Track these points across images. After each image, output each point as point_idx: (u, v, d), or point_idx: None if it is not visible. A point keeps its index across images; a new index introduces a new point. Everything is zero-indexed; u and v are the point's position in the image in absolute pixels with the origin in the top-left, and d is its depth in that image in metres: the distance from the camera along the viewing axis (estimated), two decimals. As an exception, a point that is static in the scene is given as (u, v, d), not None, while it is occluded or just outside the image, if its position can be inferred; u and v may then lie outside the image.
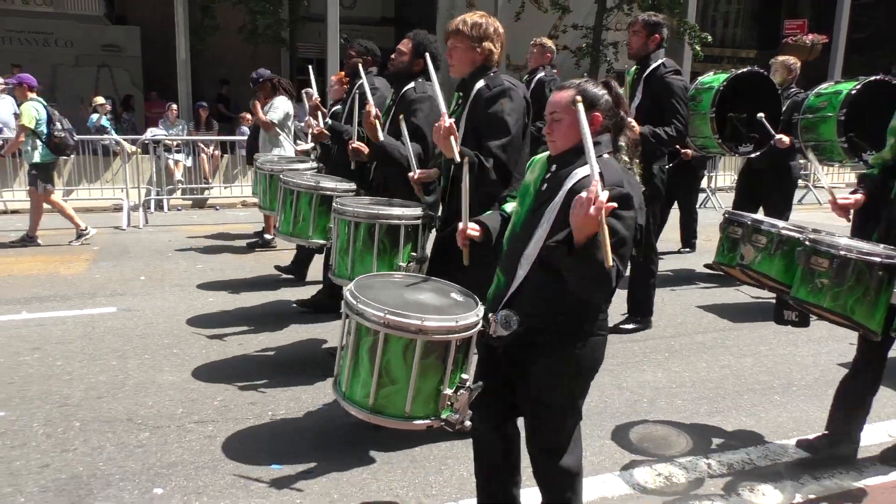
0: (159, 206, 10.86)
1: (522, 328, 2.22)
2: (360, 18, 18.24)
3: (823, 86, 5.74)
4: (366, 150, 4.01)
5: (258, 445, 3.48)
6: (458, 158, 2.93)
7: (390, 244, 3.33)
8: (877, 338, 2.94)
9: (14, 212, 9.94)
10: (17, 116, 11.26)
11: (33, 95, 7.70)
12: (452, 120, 3.03)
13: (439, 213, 3.47)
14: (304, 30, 15.69)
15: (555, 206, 2.19)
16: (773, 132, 5.72)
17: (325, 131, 5.17)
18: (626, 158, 2.33)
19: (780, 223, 3.52)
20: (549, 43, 6.98)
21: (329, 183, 4.16)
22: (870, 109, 5.37)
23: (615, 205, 1.97)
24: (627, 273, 3.90)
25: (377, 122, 3.72)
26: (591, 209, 1.91)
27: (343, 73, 5.85)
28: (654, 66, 4.98)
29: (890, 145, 3.28)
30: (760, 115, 5.70)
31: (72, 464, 3.26)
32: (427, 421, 2.24)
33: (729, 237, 3.66)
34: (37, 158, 7.65)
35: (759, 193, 6.63)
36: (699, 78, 6.00)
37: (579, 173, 2.18)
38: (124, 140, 11.09)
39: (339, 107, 5.70)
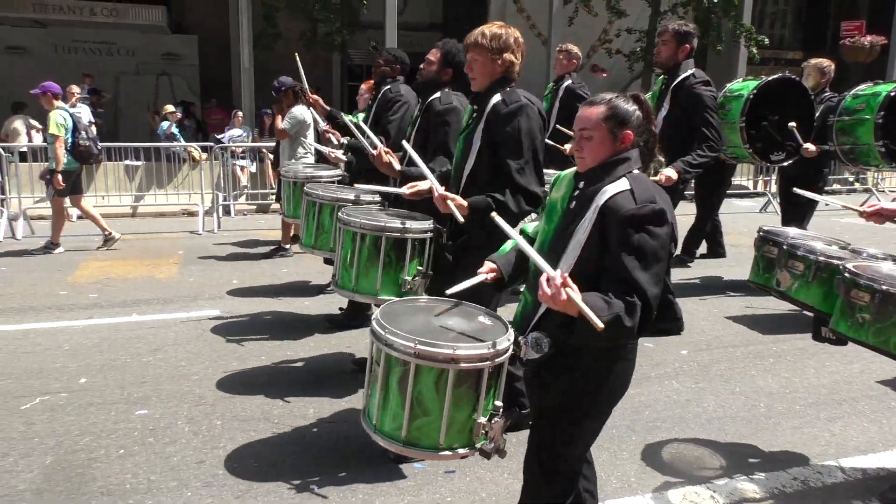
0: (227, 211, 11.14)
1: (553, 350, 2.17)
2: (409, 24, 18.41)
3: (861, 87, 5.60)
4: (395, 162, 3.78)
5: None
6: (461, 220, 2.99)
7: (396, 258, 3.22)
8: None
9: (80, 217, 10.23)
10: (93, 124, 11.78)
11: (59, 103, 7.79)
12: (443, 189, 3.04)
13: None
14: (356, 36, 15.91)
15: (586, 225, 2.13)
16: (801, 141, 5.55)
17: (342, 157, 5.22)
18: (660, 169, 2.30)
19: (819, 247, 3.38)
20: (575, 49, 6.72)
21: (351, 194, 4.04)
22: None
23: (570, 286, 1.93)
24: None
25: (389, 157, 3.69)
26: (552, 293, 1.92)
27: (372, 81, 5.81)
28: (683, 76, 4.86)
29: None
30: (792, 124, 5.58)
31: (225, 460, 3.42)
32: (462, 451, 2.17)
33: (764, 256, 3.52)
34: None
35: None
36: (728, 85, 5.92)
37: (609, 190, 2.12)
38: (194, 146, 11.46)
39: (363, 114, 5.71)
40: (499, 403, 2.18)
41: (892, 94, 5.07)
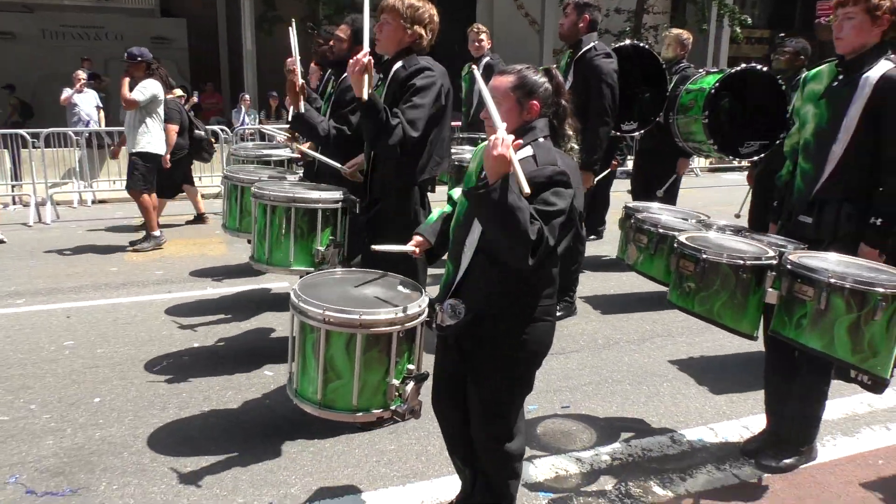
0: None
1: (469, 316, 2.25)
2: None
3: (693, 78, 5.51)
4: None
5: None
6: (365, 97, 2.89)
7: (308, 228, 3.25)
8: (753, 339, 2.92)
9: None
10: (100, 109, 11.78)
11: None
12: (370, 57, 2.92)
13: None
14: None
15: None
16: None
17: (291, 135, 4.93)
18: (574, 145, 2.37)
19: (663, 219, 3.36)
20: (485, 28, 7.00)
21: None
22: (749, 97, 5.22)
23: (520, 141, 2.04)
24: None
25: (300, 92, 3.74)
26: (499, 147, 1.98)
27: (314, 61, 5.89)
28: (585, 48, 4.83)
29: (792, 132, 3.35)
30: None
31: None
32: (376, 412, 2.28)
33: (625, 231, 3.58)
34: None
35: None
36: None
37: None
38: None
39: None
40: (412, 367, 2.31)
41: (713, 91, 5.03)
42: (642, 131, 5.61)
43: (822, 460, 3.31)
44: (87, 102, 11.33)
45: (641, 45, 5.78)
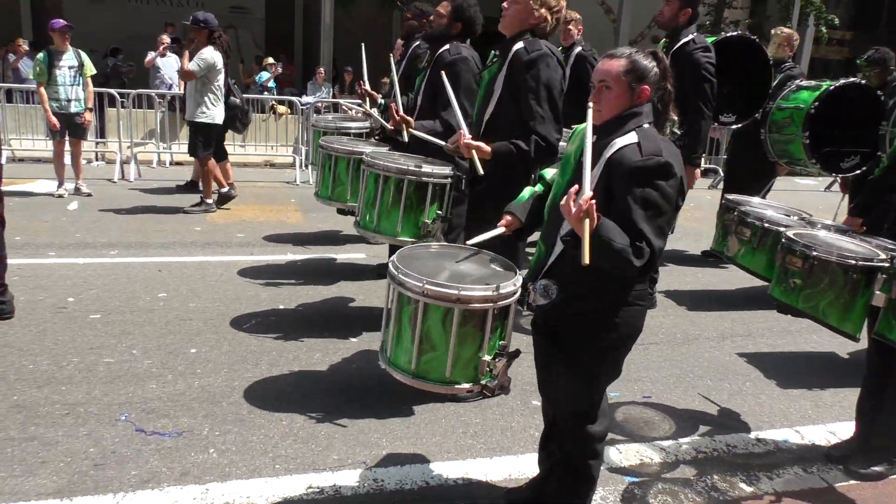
0: (305, 165, 11.50)
1: (561, 297, 2.27)
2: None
3: (785, 93, 5.33)
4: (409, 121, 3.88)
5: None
6: (481, 172, 3.08)
7: (417, 201, 3.30)
8: (855, 341, 2.91)
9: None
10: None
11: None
12: (470, 138, 3.13)
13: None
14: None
15: (594, 177, 2.14)
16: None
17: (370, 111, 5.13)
18: (677, 130, 2.37)
19: (768, 214, 3.34)
20: (577, 15, 6.57)
21: (367, 147, 4.17)
22: (843, 109, 5.06)
23: (594, 205, 1.97)
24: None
25: (402, 119, 3.82)
26: (573, 211, 1.98)
27: (401, 35, 5.91)
28: (683, 41, 4.72)
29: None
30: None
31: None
32: (466, 385, 2.32)
33: (724, 224, 3.56)
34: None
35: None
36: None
37: (618, 143, 2.17)
38: (282, 101, 11.79)
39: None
40: (503, 343, 2.33)
41: (813, 110, 4.85)
42: (741, 124, 5.53)
43: (913, 472, 3.26)
44: (169, 66, 11.65)
45: (752, 37, 5.70)
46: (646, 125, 2.22)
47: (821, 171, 5.12)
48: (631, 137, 2.17)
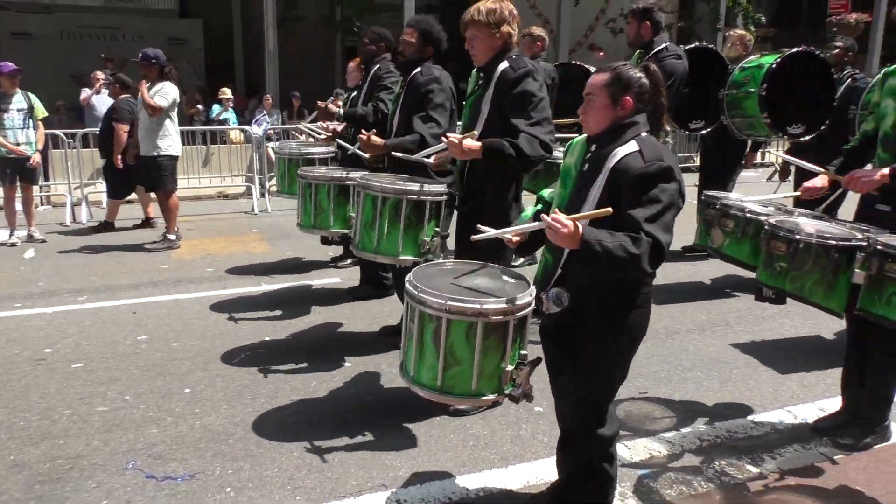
0: (262, 193, 11.39)
1: (573, 304, 2.34)
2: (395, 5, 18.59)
3: (748, 59, 5.70)
4: (379, 141, 4.00)
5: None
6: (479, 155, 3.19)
7: (416, 220, 3.36)
8: (840, 317, 3.10)
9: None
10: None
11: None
12: (460, 137, 3.19)
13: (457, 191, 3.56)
14: (371, 17, 16.05)
15: (599, 185, 2.28)
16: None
17: (337, 128, 5.31)
18: (670, 140, 2.64)
19: (749, 205, 3.49)
20: (538, 31, 6.59)
21: (343, 173, 4.19)
22: (798, 81, 5.35)
23: (566, 219, 2.12)
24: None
25: (373, 138, 3.93)
26: (564, 236, 2.11)
27: (359, 59, 6.02)
28: (656, 49, 4.96)
29: (868, 117, 3.50)
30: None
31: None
32: (492, 396, 2.40)
33: (704, 219, 3.65)
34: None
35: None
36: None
37: (620, 152, 2.27)
38: (236, 130, 11.68)
39: (356, 93, 5.81)
40: (524, 352, 2.40)
41: (774, 66, 5.17)
42: (709, 129, 5.83)
43: (900, 439, 3.44)
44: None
45: (710, 46, 6.08)
46: (643, 134, 2.33)
47: (770, 127, 5.32)
48: (632, 146, 2.27)
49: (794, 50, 5.37)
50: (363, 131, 4.03)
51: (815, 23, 20.98)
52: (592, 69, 5.91)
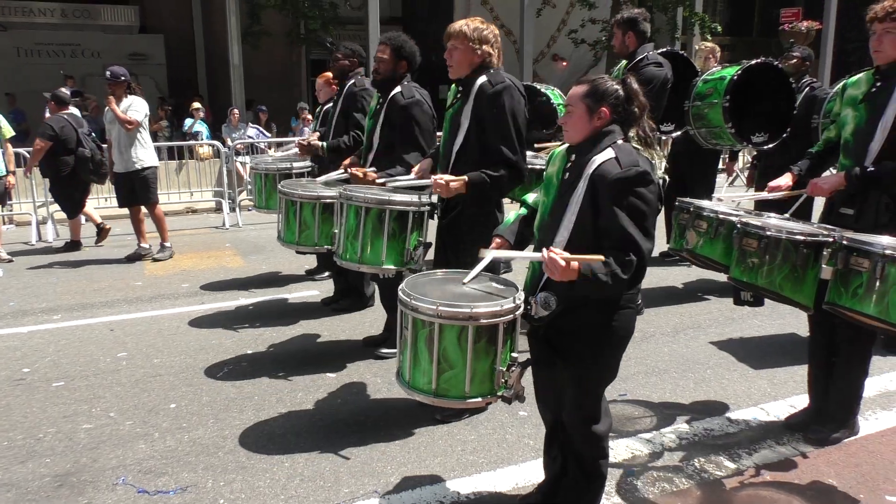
0: (232, 208, 11.33)
1: (560, 307, 2.41)
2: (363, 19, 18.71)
3: (710, 71, 5.91)
4: (373, 177, 4.03)
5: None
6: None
7: (399, 229, 3.43)
8: (809, 311, 3.19)
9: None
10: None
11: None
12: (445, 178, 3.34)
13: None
14: (336, 31, 16.08)
15: (579, 193, 2.39)
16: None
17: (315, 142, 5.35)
18: (640, 147, 2.61)
19: (721, 207, 3.59)
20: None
21: (330, 192, 4.21)
22: (758, 91, 5.59)
23: (563, 254, 2.26)
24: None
25: (369, 174, 4.02)
26: (560, 270, 2.24)
27: (330, 74, 6.13)
28: (638, 59, 5.05)
29: (830, 126, 3.70)
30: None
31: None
32: (486, 398, 2.48)
33: (679, 224, 3.75)
34: None
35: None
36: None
37: (597, 160, 2.37)
38: (205, 144, 11.61)
39: (329, 105, 5.88)
40: (515, 355, 2.48)
41: (736, 77, 5.37)
42: (679, 132, 6.03)
43: (868, 432, 3.59)
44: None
45: (682, 52, 6.23)
46: (619, 141, 2.44)
47: (734, 138, 5.49)
48: (608, 153, 2.38)
49: (755, 61, 5.57)
50: (356, 169, 4.13)
51: (767, 32, 21.72)
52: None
